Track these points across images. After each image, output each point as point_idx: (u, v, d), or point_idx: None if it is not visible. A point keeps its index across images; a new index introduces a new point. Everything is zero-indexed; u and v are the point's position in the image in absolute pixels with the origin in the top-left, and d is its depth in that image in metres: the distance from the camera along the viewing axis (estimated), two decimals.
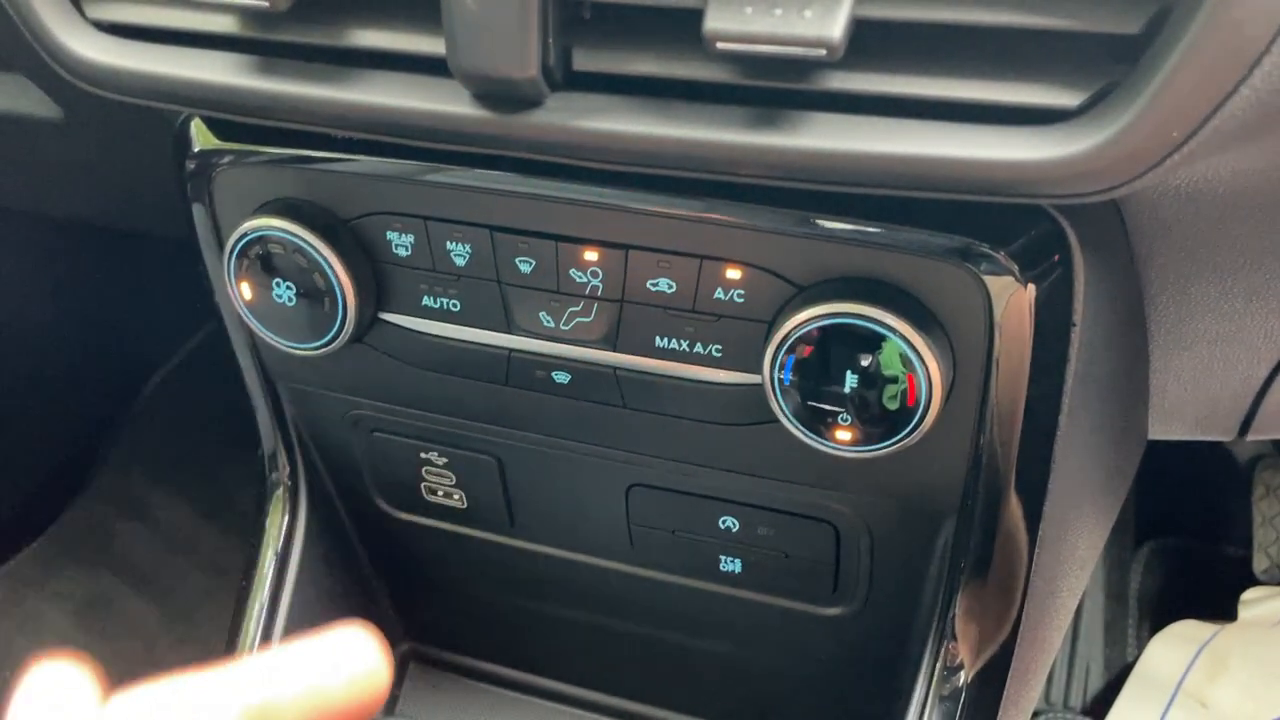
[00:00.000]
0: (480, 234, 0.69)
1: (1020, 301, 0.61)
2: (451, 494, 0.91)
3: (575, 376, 0.73)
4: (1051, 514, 0.72)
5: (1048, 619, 0.80)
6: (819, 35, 0.47)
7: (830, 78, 0.51)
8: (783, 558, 0.83)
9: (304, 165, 0.70)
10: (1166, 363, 0.76)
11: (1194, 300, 0.70)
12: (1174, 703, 1.28)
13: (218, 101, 0.62)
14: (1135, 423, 0.81)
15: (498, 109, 0.56)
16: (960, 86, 0.50)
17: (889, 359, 0.61)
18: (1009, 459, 0.68)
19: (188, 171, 0.74)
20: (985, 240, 0.59)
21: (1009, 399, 0.65)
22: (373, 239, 0.71)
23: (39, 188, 1.13)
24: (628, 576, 0.92)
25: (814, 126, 0.52)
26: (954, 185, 0.51)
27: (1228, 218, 0.62)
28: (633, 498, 0.84)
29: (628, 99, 0.55)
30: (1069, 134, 0.49)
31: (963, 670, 0.74)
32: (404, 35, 0.57)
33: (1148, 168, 0.49)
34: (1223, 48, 0.44)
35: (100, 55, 0.63)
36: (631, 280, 0.67)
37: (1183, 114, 0.46)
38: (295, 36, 0.59)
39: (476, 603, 1.05)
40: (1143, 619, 1.48)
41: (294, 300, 0.71)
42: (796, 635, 0.90)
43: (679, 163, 0.55)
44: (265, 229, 0.70)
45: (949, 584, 0.74)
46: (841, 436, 0.64)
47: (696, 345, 0.69)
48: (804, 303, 0.62)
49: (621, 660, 1.04)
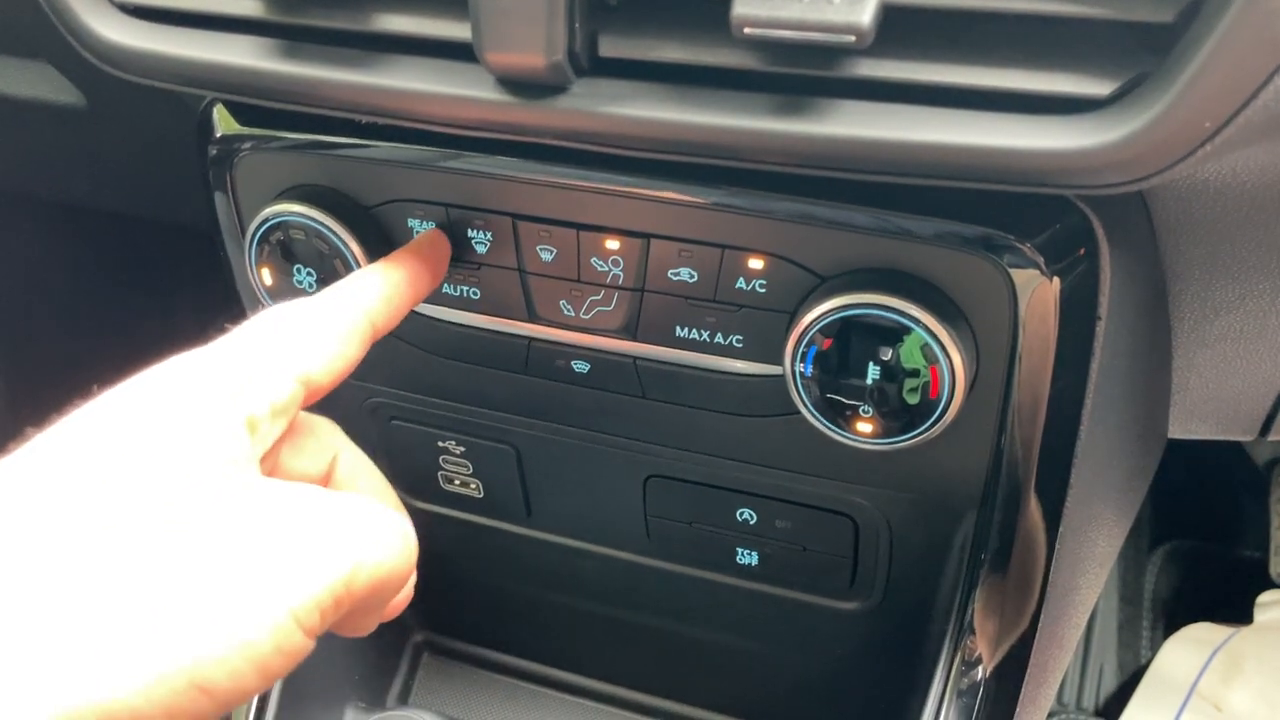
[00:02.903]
0: (502, 222, 0.68)
1: (1045, 295, 0.60)
2: (469, 483, 0.91)
3: (595, 366, 0.73)
4: (1072, 511, 0.71)
5: (1066, 616, 0.80)
6: (848, 21, 0.47)
7: (859, 65, 0.51)
8: (800, 551, 0.83)
9: (326, 151, 0.70)
10: (1188, 360, 0.75)
11: (1217, 297, 0.69)
12: (1188, 705, 1.28)
13: (241, 85, 0.62)
14: (1156, 420, 0.80)
15: (523, 95, 0.56)
16: (989, 75, 0.50)
17: (911, 351, 0.61)
18: (1030, 454, 0.67)
19: (210, 157, 0.74)
20: (1011, 232, 0.59)
21: (1032, 393, 0.65)
22: (394, 226, 0.71)
23: (60, 175, 1.14)
24: (644, 568, 0.92)
25: (842, 114, 0.52)
26: (982, 174, 0.51)
27: (1254, 214, 0.62)
28: (650, 489, 0.84)
29: (653, 85, 0.55)
30: (1099, 123, 0.48)
31: (981, 665, 0.73)
32: (429, 20, 0.57)
33: (1178, 159, 0.48)
34: (1256, 38, 0.44)
35: (125, 38, 0.63)
36: (653, 269, 0.67)
37: (1215, 104, 0.46)
38: (320, 20, 0.59)
39: (491, 593, 1.05)
40: (1157, 621, 1.47)
41: (315, 286, 0.71)
42: (813, 629, 0.90)
43: (705, 150, 0.54)
44: (287, 214, 0.70)
45: (968, 579, 0.73)
46: (862, 429, 0.64)
47: (717, 335, 0.68)
48: (827, 293, 0.62)
49: (635, 652, 1.04)
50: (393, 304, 0.61)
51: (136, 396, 0.48)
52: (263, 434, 0.50)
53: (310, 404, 0.55)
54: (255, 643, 0.41)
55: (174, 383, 0.49)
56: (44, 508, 0.42)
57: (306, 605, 0.43)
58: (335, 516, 0.46)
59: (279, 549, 0.43)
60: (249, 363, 0.51)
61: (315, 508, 0.46)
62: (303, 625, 0.43)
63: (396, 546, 0.48)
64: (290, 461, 0.56)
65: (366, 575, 0.46)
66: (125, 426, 0.46)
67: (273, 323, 0.55)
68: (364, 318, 0.58)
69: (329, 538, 0.45)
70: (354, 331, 0.57)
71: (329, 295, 0.58)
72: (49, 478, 0.44)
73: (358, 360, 0.57)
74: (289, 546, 0.44)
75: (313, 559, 0.44)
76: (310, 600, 0.43)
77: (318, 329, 0.55)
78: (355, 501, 0.48)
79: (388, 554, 0.47)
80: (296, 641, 0.43)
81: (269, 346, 0.53)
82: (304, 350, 0.53)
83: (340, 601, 0.44)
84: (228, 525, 0.44)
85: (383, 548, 0.47)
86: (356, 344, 0.57)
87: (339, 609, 0.45)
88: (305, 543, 0.44)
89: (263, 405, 0.50)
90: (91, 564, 0.41)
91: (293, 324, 0.55)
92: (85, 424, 0.46)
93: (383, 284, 0.61)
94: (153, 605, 0.40)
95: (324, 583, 0.44)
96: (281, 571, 0.43)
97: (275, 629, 0.42)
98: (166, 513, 0.43)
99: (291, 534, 0.44)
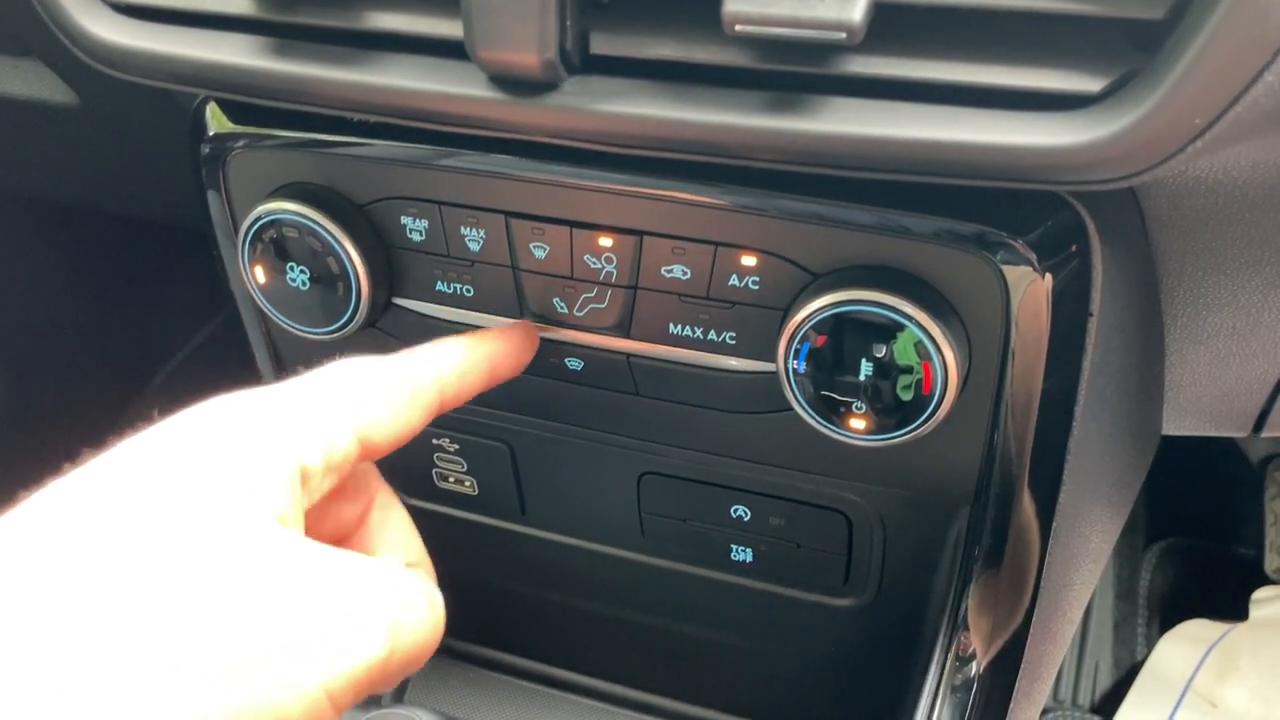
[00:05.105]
0: (495, 219, 0.68)
1: (1038, 291, 0.60)
2: (463, 480, 0.91)
3: (588, 363, 0.73)
4: (1066, 506, 0.71)
5: (1060, 612, 0.80)
6: (839, 18, 0.47)
7: (850, 62, 0.51)
8: (794, 548, 0.83)
9: (319, 149, 0.70)
10: (1182, 356, 0.75)
11: (1210, 293, 0.69)
12: (1183, 702, 1.28)
13: (233, 83, 0.62)
14: (1150, 417, 0.80)
15: (515, 92, 0.56)
16: (981, 71, 0.50)
17: (904, 348, 0.61)
18: (1024, 450, 0.67)
19: (202, 155, 0.74)
20: (1003, 229, 0.59)
21: (1025, 390, 0.65)
22: (387, 224, 0.71)
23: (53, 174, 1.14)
24: (638, 565, 0.92)
25: (833, 111, 0.52)
26: (974, 171, 0.51)
27: (1246, 210, 0.62)
28: (644, 486, 0.84)
29: (645, 83, 0.55)
30: (1090, 120, 0.48)
31: (975, 661, 0.74)
32: (421, 18, 0.57)
33: (1169, 155, 0.48)
34: (1246, 34, 0.44)
35: (116, 36, 0.63)
36: (646, 267, 0.67)
37: (1205, 101, 0.46)
38: (312, 19, 0.59)
39: (486, 591, 1.05)
40: (1152, 618, 1.47)
41: (308, 285, 0.71)
42: (807, 625, 0.90)
43: (697, 147, 0.54)
44: (280, 213, 0.70)
45: (962, 575, 0.73)
46: (855, 425, 0.64)
47: (710, 332, 0.68)
48: (819, 290, 0.62)
49: (631, 649, 1.04)
50: (466, 379, 0.60)
51: (193, 430, 0.47)
52: (313, 487, 0.49)
53: (363, 463, 0.54)
54: (287, 713, 0.40)
55: (233, 422, 0.48)
56: (75, 543, 0.41)
57: (341, 683, 0.42)
58: (377, 592, 0.45)
59: (320, 622, 0.43)
60: (310, 410, 0.50)
61: (358, 581, 0.45)
62: (334, 701, 0.42)
63: (430, 622, 0.48)
64: (331, 505, 0.55)
65: (402, 652, 0.45)
66: (176, 464, 0.45)
67: (341, 375, 0.53)
68: (434, 386, 0.57)
69: (370, 616, 0.44)
70: (420, 397, 0.56)
71: (404, 357, 0.57)
72: (84, 511, 0.43)
73: (418, 429, 0.56)
74: (329, 621, 0.43)
75: (353, 637, 0.43)
76: (346, 678, 0.43)
77: (386, 389, 0.54)
78: (394, 575, 0.48)
79: (422, 629, 0.47)
80: (325, 716, 0.42)
81: (333, 398, 0.51)
82: (367, 407, 0.52)
83: (374, 679, 0.44)
84: (270, 589, 0.42)
85: (418, 624, 0.47)
86: (420, 411, 0.56)
87: (370, 686, 0.44)
88: (345, 620, 0.43)
89: (317, 457, 0.49)
90: (122, 611, 0.40)
91: (361, 379, 0.53)
92: (137, 455, 0.45)
93: (462, 357, 0.60)
94: (187, 661, 0.39)
95: (361, 662, 0.43)
96: (321, 646, 0.42)
97: (308, 701, 0.41)
98: (209, 566, 0.42)
99: (333, 608, 0.43)
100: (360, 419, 0.51)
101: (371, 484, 0.57)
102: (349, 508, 0.56)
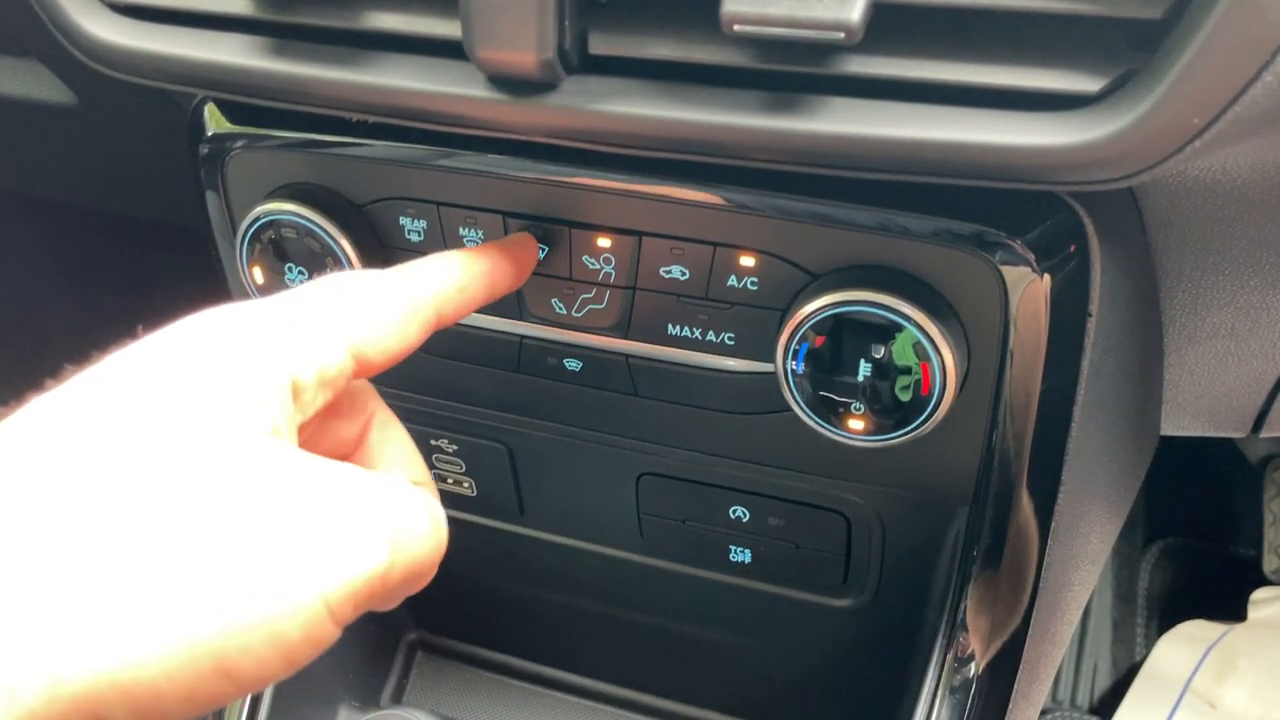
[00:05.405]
0: (493, 219, 0.68)
1: (1036, 291, 0.60)
2: (461, 481, 0.91)
3: (587, 364, 0.73)
4: (1064, 507, 0.71)
5: (1059, 612, 0.80)
6: (837, 18, 0.47)
7: (848, 62, 0.51)
8: (793, 548, 0.83)
9: (317, 150, 0.70)
10: (1180, 356, 0.75)
11: (1209, 293, 0.69)
12: (1182, 703, 1.28)
13: (232, 83, 0.62)
14: (1149, 417, 0.80)
15: (513, 92, 0.56)
16: (979, 71, 0.50)
17: (903, 348, 0.61)
18: (1022, 451, 0.67)
19: (201, 155, 0.74)
20: (1002, 229, 0.59)
21: (1023, 390, 0.65)
22: (385, 224, 0.71)
23: (51, 174, 1.13)
24: (637, 566, 0.92)
25: (832, 111, 0.52)
26: (972, 171, 0.51)
27: (1245, 211, 0.62)
28: (643, 487, 0.84)
29: (644, 82, 0.55)
30: (1089, 120, 0.48)
31: (973, 662, 0.74)
32: (419, 18, 0.57)
33: (1168, 154, 0.48)
34: (1245, 34, 0.44)
35: (115, 36, 0.63)
36: (644, 267, 0.67)
37: (1204, 100, 0.46)
38: (310, 19, 0.59)
39: (485, 592, 1.05)
40: (1151, 618, 1.47)
41: None
42: (806, 626, 0.90)
43: (695, 147, 0.54)
44: (278, 213, 0.70)
45: (960, 575, 0.73)
46: (854, 426, 0.64)
47: (709, 333, 0.68)
48: (818, 291, 0.62)
49: (629, 651, 1.04)
50: (465, 294, 0.57)
51: (181, 342, 0.46)
52: (305, 401, 0.47)
53: (358, 379, 0.52)
54: (284, 627, 0.39)
55: (222, 333, 0.46)
56: (62, 453, 0.40)
57: (341, 594, 0.41)
58: (376, 502, 0.44)
59: (316, 532, 0.41)
60: (302, 323, 0.48)
61: (356, 491, 0.44)
62: (334, 614, 0.41)
63: (432, 534, 0.46)
64: (327, 423, 0.53)
65: (403, 565, 0.44)
66: (166, 374, 0.43)
67: (333, 288, 0.51)
68: (431, 301, 0.54)
69: (369, 526, 0.43)
70: (417, 313, 0.53)
71: (400, 270, 0.55)
72: (75, 420, 0.41)
73: (415, 345, 0.53)
74: (327, 530, 0.41)
75: (352, 546, 0.42)
76: (345, 589, 0.41)
77: (379, 302, 0.52)
78: (394, 486, 0.46)
79: (424, 543, 0.45)
80: (325, 631, 0.41)
81: (325, 310, 0.49)
82: (361, 321, 0.50)
83: (374, 593, 0.43)
84: (264, 498, 0.41)
85: (420, 537, 0.45)
86: (417, 326, 0.53)
87: (371, 600, 0.43)
88: (344, 529, 0.42)
89: (309, 370, 0.47)
90: (111, 518, 0.38)
91: (354, 292, 0.51)
92: (124, 367, 0.44)
93: (460, 271, 0.57)
94: (179, 570, 0.38)
95: (361, 572, 0.42)
96: (318, 556, 0.41)
97: (307, 615, 0.40)
98: (199, 475, 0.40)
99: (330, 517, 0.42)
100: (354, 333, 0.50)
101: (369, 402, 0.55)
102: (346, 426, 0.54)
